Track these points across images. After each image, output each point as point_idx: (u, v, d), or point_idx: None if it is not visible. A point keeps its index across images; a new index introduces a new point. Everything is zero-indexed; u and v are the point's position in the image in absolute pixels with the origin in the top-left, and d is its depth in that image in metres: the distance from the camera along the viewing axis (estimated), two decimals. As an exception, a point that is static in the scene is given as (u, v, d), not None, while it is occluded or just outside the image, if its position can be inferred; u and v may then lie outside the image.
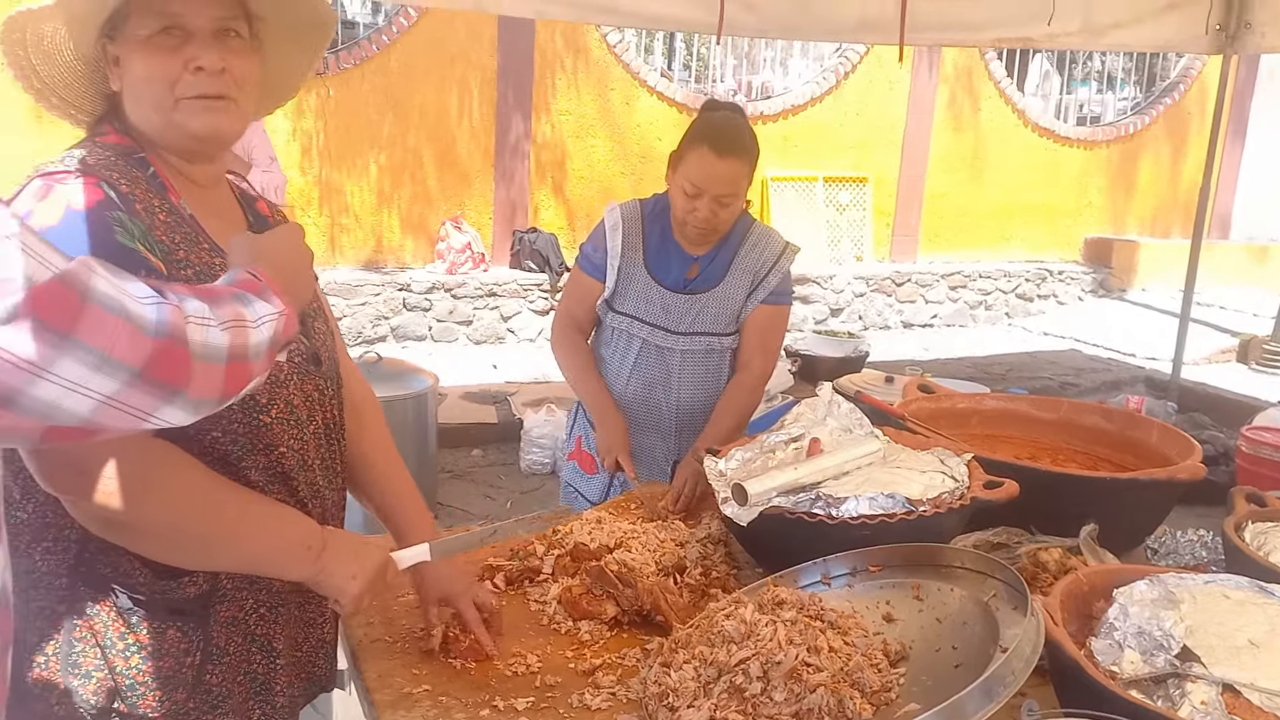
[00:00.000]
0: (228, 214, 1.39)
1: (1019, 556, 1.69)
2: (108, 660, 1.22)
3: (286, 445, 1.31)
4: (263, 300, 1.04)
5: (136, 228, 1.18)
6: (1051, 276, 9.70)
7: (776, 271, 2.35)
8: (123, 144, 1.27)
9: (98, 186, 1.17)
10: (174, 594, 1.25)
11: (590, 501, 2.43)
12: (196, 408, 0.91)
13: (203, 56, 1.22)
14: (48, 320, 0.76)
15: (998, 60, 9.24)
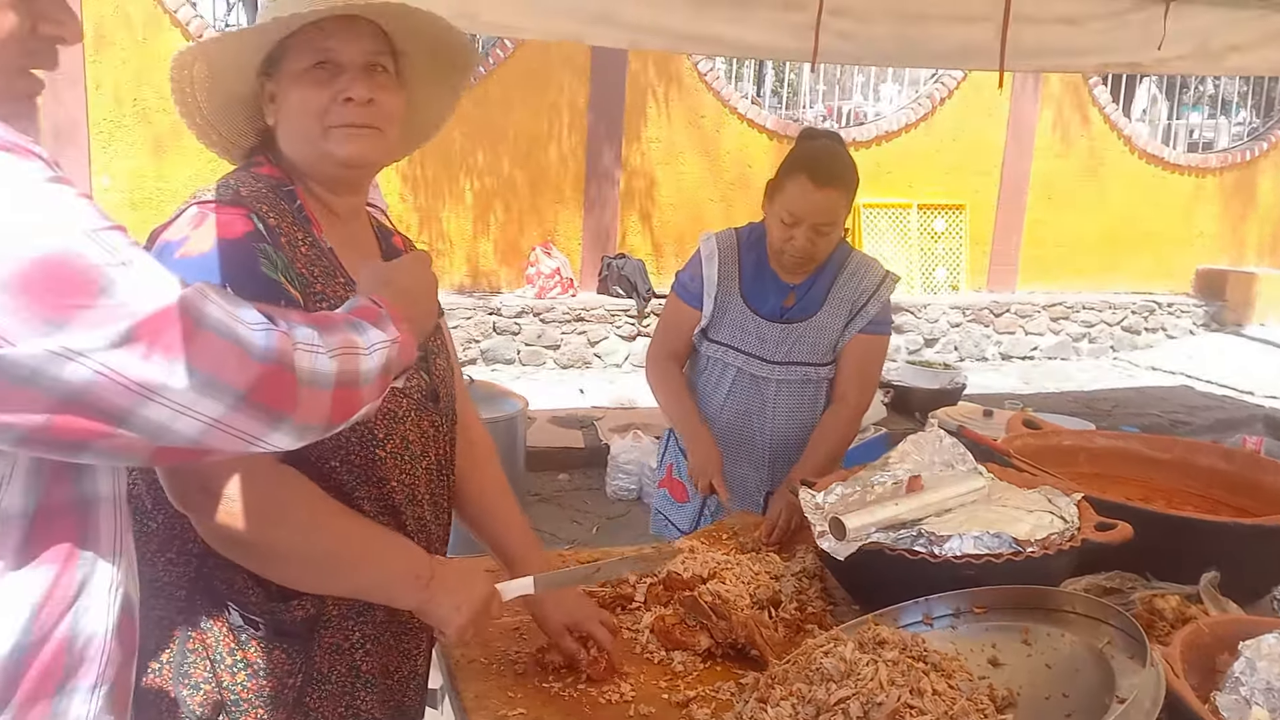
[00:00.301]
0: (364, 246, 1.45)
1: (1133, 603, 1.61)
2: (216, 674, 1.26)
3: (398, 479, 1.35)
4: (377, 328, 1.05)
5: (280, 260, 1.24)
6: (1160, 309, 9.32)
7: (875, 301, 2.32)
8: (274, 176, 1.34)
9: (248, 218, 1.24)
10: (283, 616, 1.29)
11: (681, 530, 2.42)
12: (302, 433, 0.92)
13: (352, 88, 1.29)
14: (159, 345, 0.79)
15: (1102, 85, 8.98)
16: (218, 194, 1.26)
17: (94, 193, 6.52)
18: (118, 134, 6.60)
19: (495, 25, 3.56)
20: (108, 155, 6.58)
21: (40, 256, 0.75)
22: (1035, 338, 8.92)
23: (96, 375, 0.77)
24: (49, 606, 0.88)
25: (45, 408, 0.77)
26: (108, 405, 0.78)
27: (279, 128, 1.35)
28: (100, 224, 0.80)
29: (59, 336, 0.75)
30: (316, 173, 1.36)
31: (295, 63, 1.29)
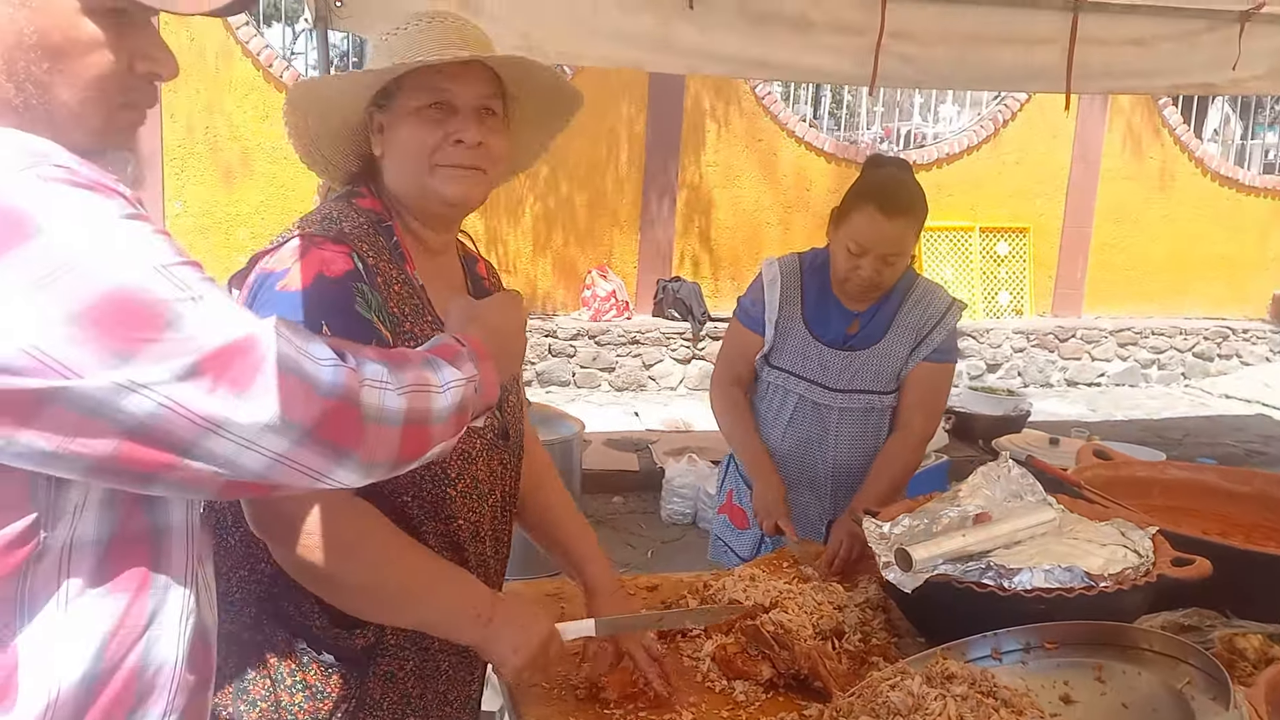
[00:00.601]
0: (452, 279, 1.49)
1: (1212, 641, 1.56)
2: (275, 693, 1.29)
3: (465, 518, 1.39)
4: (454, 365, 1.05)
5: (375, 299, 1.27)
6: (1234, 335, 9.03)
7: (941, 328, 2.28)
8: (374, 210, 1.37)
9: (349, 257, 1.27)
10: (345, 643, 1.32)
11: (741, 557, 2.40)
12: (369, 470, 0.92)
13: (464, 131, 1.32)
14: (225, 379, 0.80)
15: (1172, 105, 8.78)
16: (322, 228, 1.29)
17: (166, 218, 6.75)
18: (190, 161, 6.83)
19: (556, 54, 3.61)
20: (180, 182, 6.81)
21: (109, 290, 0.77)
22: (1102, 364, 8.71)
23: (161, 408, 0.78)
24: (120, 635, 0.89)
25: (112, 439, 0.78)
26: (173, 438, 0.80)
27: (385, 159, 1.38)
28: (173, 259, 0.82)
29: (125, 369, 0.77)
30: (417, 208, 1.39)
31: (410, 100, 1.32)
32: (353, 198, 1.38)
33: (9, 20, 0.84)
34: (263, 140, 6.90)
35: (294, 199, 6.88)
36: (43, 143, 0.83)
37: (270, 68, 6.83)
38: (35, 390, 0.75)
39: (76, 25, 0.86)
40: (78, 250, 0.77)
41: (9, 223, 0.75)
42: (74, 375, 0.76)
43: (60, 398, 0.76)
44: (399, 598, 1.27)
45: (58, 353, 0.75)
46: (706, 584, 1.83)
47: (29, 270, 0.75)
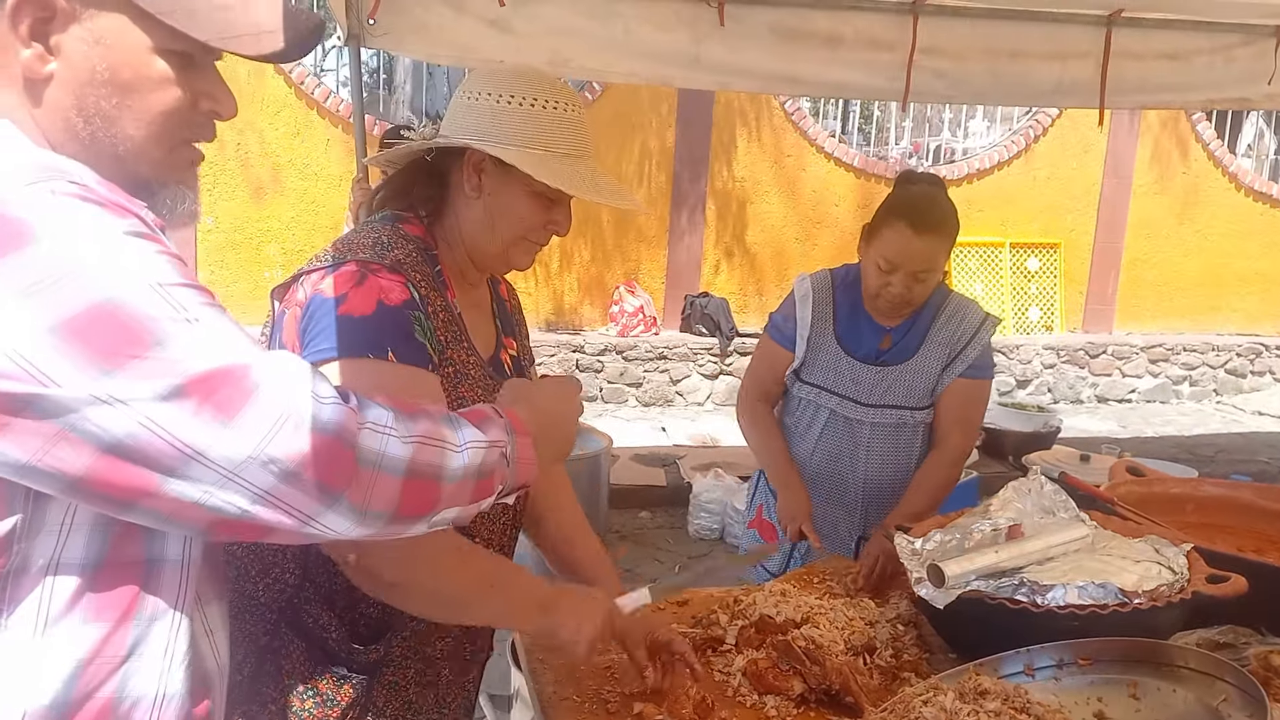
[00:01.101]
0: (482, 303, 1.54)
1: (1246, 659, 1.54)
2: (286, 698, 1.32)
3: (482, 535, 1.45)
4: (479, 428, 1.01)
5: (428, 327, 1.32)
6: (1268, 351, 8.91)
7: (976, 344, 2.27)
8: (421, 238, 1.41)
9: (405, 286, 1.30)
10: (360, 657, 1.36)
11: (770, 572, 2.40)
12: (362, 519, 0.87)
13: (562, 226, 1.45)
14: (209, 404, 0.78)
15: (1206, 120, 8.70)
16: (375, 254, 1.31)
17: (198, 233, 6.83)
18: (221, 178, 6.91)
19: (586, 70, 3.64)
20: (212, 198, 6.87)
21: (99, 302, 0.76)
22: (1133, 380, 8.61)
23: (140, 427, 0.77)
24: (96, 664, 0.86)
25: (86, 454, 0.77)
26: (150, 460, 0.78)
27: (470, 205, 1.41)
28: (173, 280, 0.81)
29: (106, 383, 0.76)
30: (479, 257, 1.45)
31: (533, 183, 1.36)
32: (399, 223, 1.41)
33: (83, 56, 0.87)
34: (293, 157, 7.00)
35: (324, 215, 6.97)
36: (66, 162, 0.84)
37: (302, 85, 6.92)
38: (12, 395, 0.75)
39: (148, 64, 0.90)
40: (72, 261, 0.77)
41: (6, 230, 0.76)
42: (52, 384, 0.75)
43: (37, 406, 0.75)
44: (461, 598, 1.31)
45: (39, 360, 0.75)
46: (737, 599, 1.83)
47: (20, 276, 0.75)
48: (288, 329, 1.30)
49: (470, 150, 1.37)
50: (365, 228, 1.39)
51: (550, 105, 1.36)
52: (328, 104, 6.96)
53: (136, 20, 0.88)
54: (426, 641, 1.43)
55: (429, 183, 1.44)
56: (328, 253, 1.35)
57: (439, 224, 1.44)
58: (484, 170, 1.38)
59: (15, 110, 0.88)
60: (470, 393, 1.39)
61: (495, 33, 3.17)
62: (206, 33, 0.90)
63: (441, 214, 1.44)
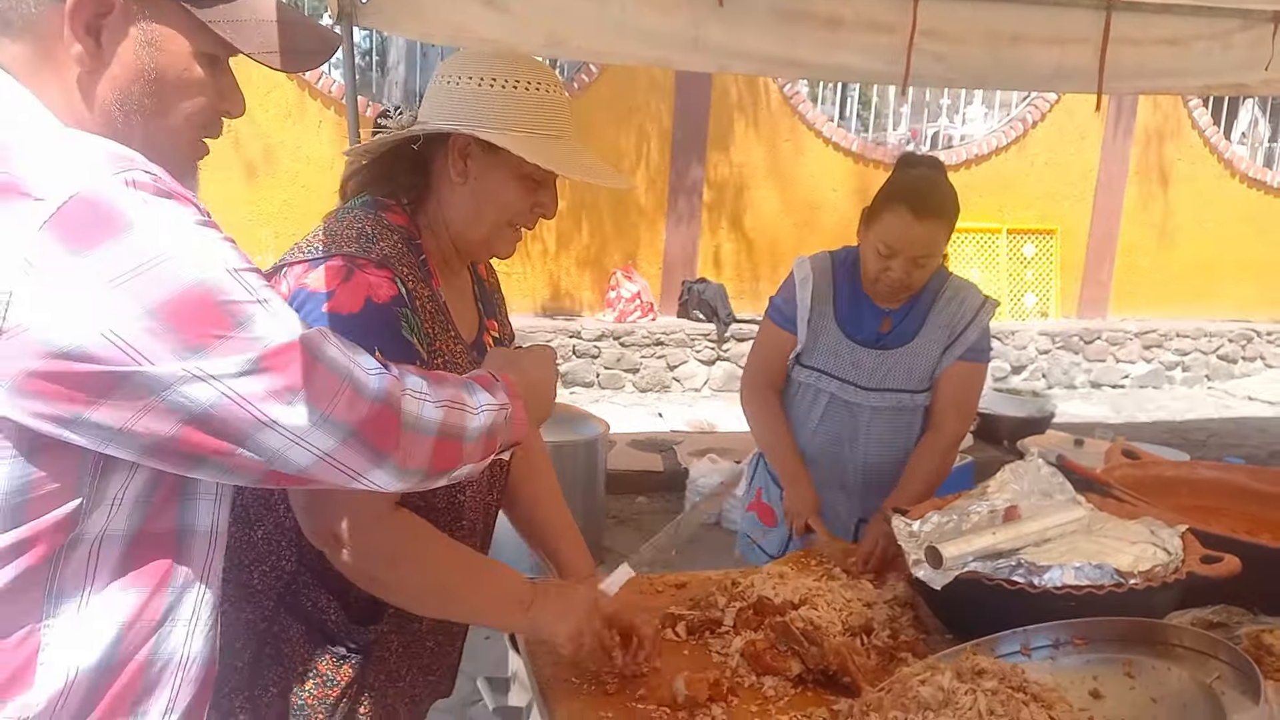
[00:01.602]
0: (464, 287, 1.53)
1: (1239, 638, 1.56)
2: (287, 679, 1.35)
3: (469, 519, 1.47)
4: (489, 392, 1.11)
5: (415, 322, 1.31)
6: (1259, 337, 8.96)
7: (975, 327, 2.26)
8: (405, 227, 1.39)
9: (393, 282, 1.30)
10: (359, 637, 1.39)
11: (769, 554, 2.40)
12: (402, 476, 0.97)
13: (549, 208, 1.43)
14: (283, 377, 0.86)
15: (1203, 107, 8.70)
16: (362, 248, 1.30)
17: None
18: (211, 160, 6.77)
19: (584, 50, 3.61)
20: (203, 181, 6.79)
21: (188, 288, 0.83)
22: (1126, 365, 8.65)
23: (223, 398, 0.84)
24: (137, 628, 0.94)
25: (174, 423, 0.84)
26: (230, 428, 0.86)
27: (455, 191, 1.40)
28: (241, 265, 0.89)
29: (196, 360, 0.83)
30: (463, 244, 1.44)
31: (522, 165, 1.35)
32: (382, 211, 1.39)
33: (134, 55, 0.93)
34: (285, 139, 6.94)
35: (317, 198, 6.92)
36: (129, 151, 0.88)
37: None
38: (110, 374, 0.81)
39: (190, 67, 0.96)
40: (161, 249, 0.83)
41: (103, 219, 0.81)
42: (147, 362, 0.82)
43: (132, 381, 0.82)
44: (445, 594, 1.34)
45: (136, 341, 0.81)
46: (735, 581, 1.83)
47: (117, 264, 0.81)
48: None
49: (455, 135, 1.35)
50: (347, 216, 1.36)
51: (533, 87, 1.35)
52: (320, 85, 6.91)
53: (187, 26, 0.95)
54: (413, 616, 1.45)
55: (412, 170, 1.41)
56: (310, 243, 1.33)
57: (422, 211, 1.42)
58: (469, 155, 1.37)
59: (56, 100, 0.91)
60: None
61: (491, 12, 3.14)
62: (250, 45, 0.97)
63: (424, 201, 1.42)
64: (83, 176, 0.82)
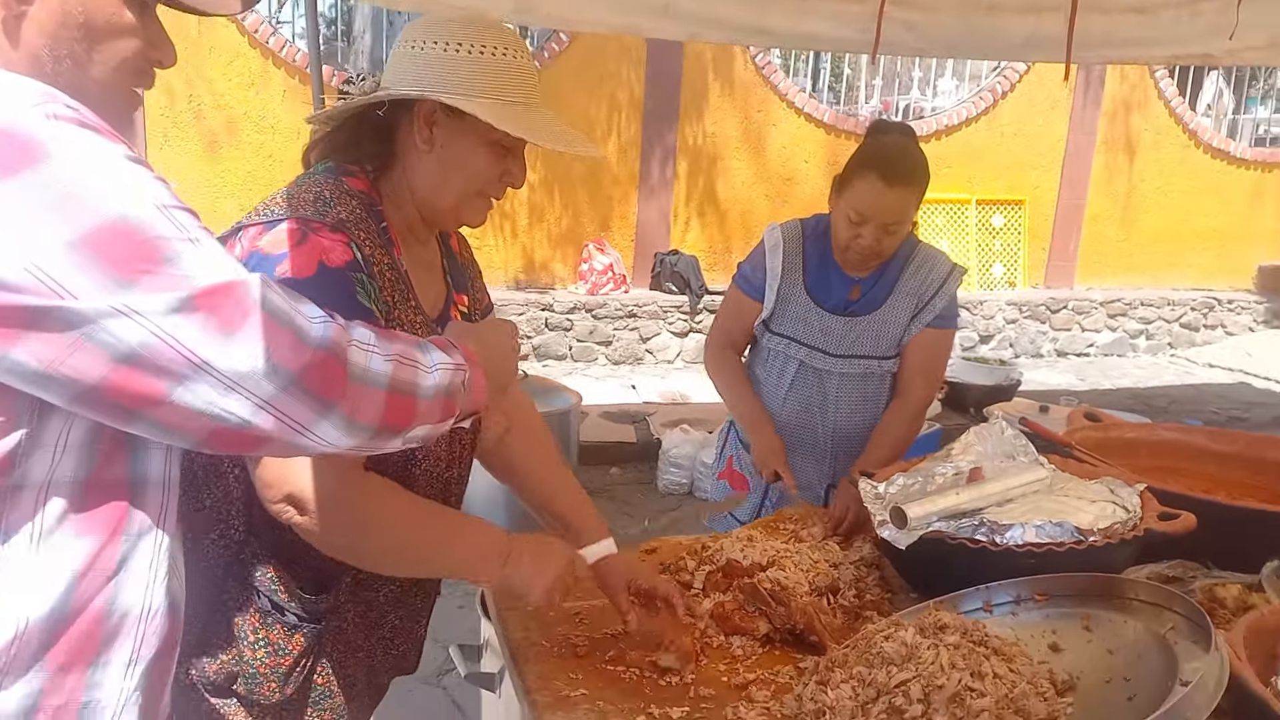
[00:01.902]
0: (431, 259, 1.51)
1: (1194, 591, 1.61)
2: (238, 649, 1.34)
3: (424, 492, 1.44)
4: (444, 352, 1.07)
5: (372, 288, 1.29)
6: (1220, 305, 9.11)
7: (943, 295, 2.28)
8: (366, 193, 1.36)
9: (348, 246, 1.27)
10: (310, 607, 1.38)
11: (740, 521, 2.43)
12: (351, 429, 0.92)
13: (518, 177, 1.40)
14: (217, 317, 0.82)
15: (1169, 78, 8.78)
16: (317, 211, 1.28)
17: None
18: (173, 131, 6.71)
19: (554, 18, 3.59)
20: (164, 153, 6.68)
21: (113, 220, 0.80)
22: (1092, 334, 8.77)
23: (153, 337, 0.80)
24: (90, 577, 0.91)
25: (102, 363, 0.80)
26: (161, 370, 0.81)
27: (421, 159, 1.37)
28: (172, 202, 0.85)
29: (122, 295, 0.79)
30: (430, 213, 1.42)
31: (491, 131, 1.32)
32: (343, 176, 1.36)
33: (60, 1, 0.89)
34: (249, 109, 6.81)
35: (281, 169, 6.82)
36: (54, 89, 0.85)
37: (256, 33, 6.72)
38: (31, 308, 0.78)
39: (119, 11, 0.93)
40: (84, 179, 0.80)
41: (19, 147, 0.78)
42: (70, 296, 0.78)
43: (55, 317, 0.78)
44: (416, 554, 1.33)
45: (58, 274, 0.77)
46: (705, 545, 1.86)
47: (37, 194, 0.78)
48: None
49: (420, 102, 1.33)
50: (306, 181, 1.34)
51: (500, 52, 1.32)
52: (284, 54, 6.78)
53: None
54: (371, 587, 1.45)
55: (376, 137, 1.39)
56: (268, 207, 1.31)
57: (385, 179, 1.40)
58: (435, 122, 1.34)
59: None
60: None
61: (460, -22, 3.11)
62: None
63: (389, 169, 1.40)
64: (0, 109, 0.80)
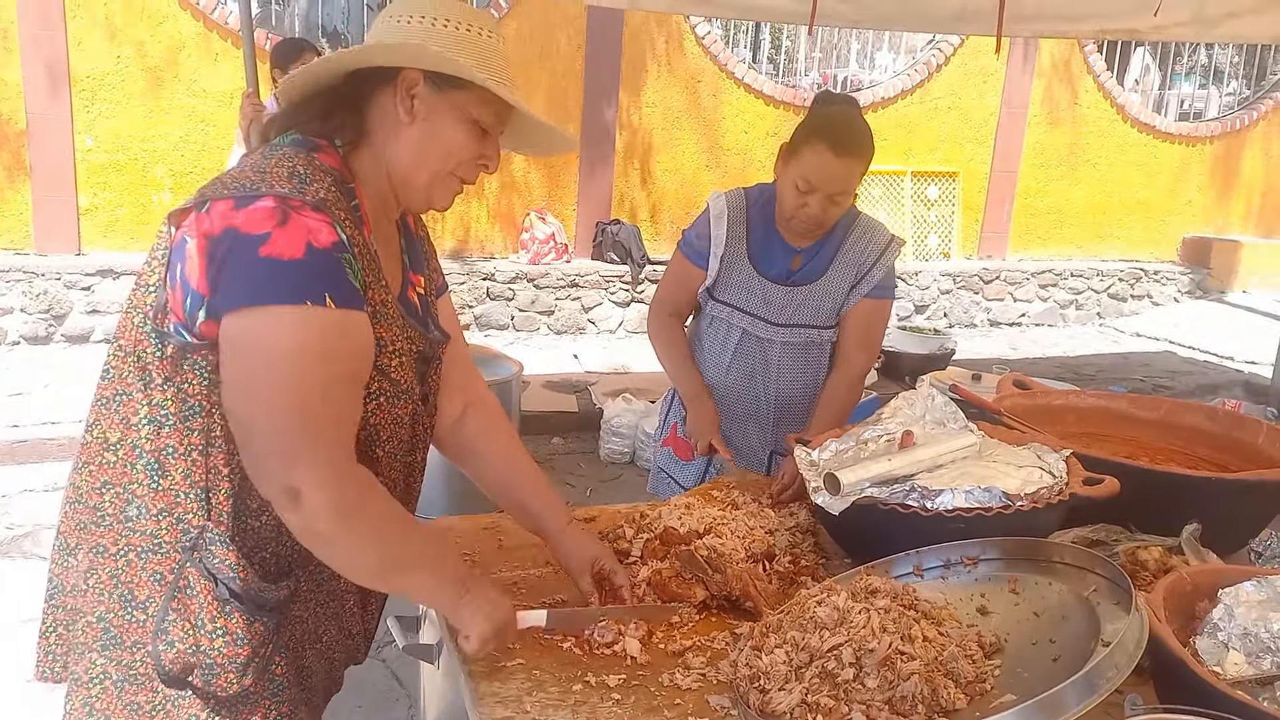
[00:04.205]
0: (391, 240, 1.48)
1: (1117, 554, 1.66)
2: (195, 638, 1.30)
3: (387, 475, 1.42)
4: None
5: (357, 268, 1.27)
6: (1146, 276, 9.40)
7: (881, 265, 2.31)
8: (337, 170, 1.32)
9: (333, 227, 1.23)
10: (270, 595, 1.34)
11: (684, 487, 2.44)
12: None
13: (493, 160, 1.40)
14: None
15: (1097, 53, 8.97)
16: (296, 190, 1.23)
17: (76, 154, 6.41)
18: (101, 93, 6.46)
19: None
20: (91, 115, 6.45)
21: None
22: (1024, 304, 8.98)
23: None
24: None
25: None
26: None
27: (400, 133, 1.35)
28: None
29: None
30: (403, 190, 1.40)
31: (474, 109, 1.34)
32: (311, 150, 1.32)
33: None
34: (180, 73, 6.59)
35: (215, 133, 6.62)
36: None
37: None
38: None
39: None
40: None
41: None
42: None
43: None
44: (391, 565, 1.30)
45: None
46: (643, 514, 1.86)
47: None
48: (191, 260, 1.22)
49: (405, 71, 1.31)
50: (277, 154, 1.28)
51: (485, 33, 1.34)
52: (215, 16, 6.56)
53: None
54: (333, 575, 1.43)
55: (350, 109, 1.36)
56: (237, 179, 1.25)
57: (356, 156, 1.36)
58: (417, 94, 1.33)
59: None
60: (388, 333, 1.35)
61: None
62: None
63: (359, 144, 1.36)
64: None
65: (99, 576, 1.31)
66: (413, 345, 1.42)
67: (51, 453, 4.64)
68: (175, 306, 1.24)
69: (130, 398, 1.29)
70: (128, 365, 1.29)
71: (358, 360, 1.26)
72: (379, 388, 1.34)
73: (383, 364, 1.34)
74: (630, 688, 1.40)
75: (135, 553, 1.29)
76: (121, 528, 1.30)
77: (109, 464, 1.31)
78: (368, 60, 1.33)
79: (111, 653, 1.31)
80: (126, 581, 1.30)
